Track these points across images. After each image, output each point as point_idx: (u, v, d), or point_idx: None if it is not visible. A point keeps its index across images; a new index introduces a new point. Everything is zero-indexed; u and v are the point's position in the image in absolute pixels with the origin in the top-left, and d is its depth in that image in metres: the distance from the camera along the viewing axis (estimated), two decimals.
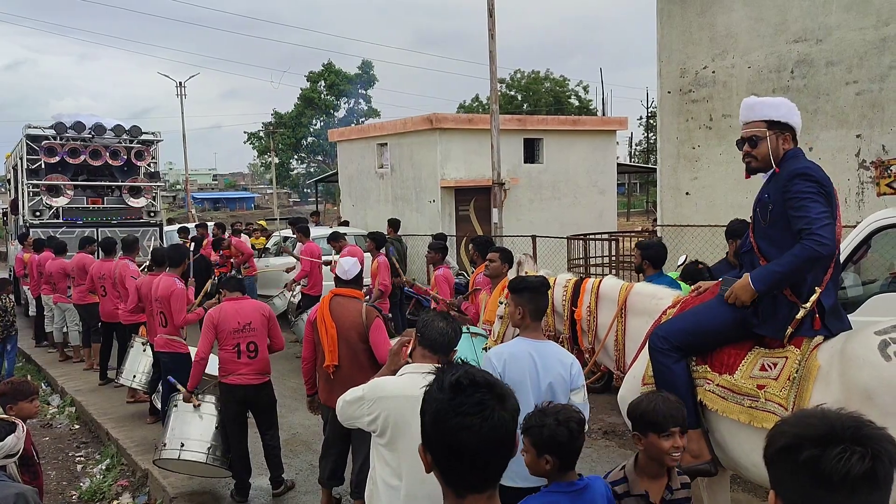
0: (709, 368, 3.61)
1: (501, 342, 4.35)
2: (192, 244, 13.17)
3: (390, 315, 8.60)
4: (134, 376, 8.10)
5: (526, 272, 4.56)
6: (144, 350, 8.05)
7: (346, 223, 18.69)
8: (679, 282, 5.63)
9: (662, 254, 5.95)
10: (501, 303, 4.58)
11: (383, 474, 3.08)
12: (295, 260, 11.65)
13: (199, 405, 5.77)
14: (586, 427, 2.87)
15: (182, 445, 5.64)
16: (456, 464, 1.64)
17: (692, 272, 5.71)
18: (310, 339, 5.28)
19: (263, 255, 14.99)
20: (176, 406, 5.89)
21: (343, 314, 5.08)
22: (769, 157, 3.52)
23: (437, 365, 3.19)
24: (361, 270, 5.42)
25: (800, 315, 3.34)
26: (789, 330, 3.38)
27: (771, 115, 3.52)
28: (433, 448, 1.67)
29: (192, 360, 6.76)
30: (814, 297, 3.34)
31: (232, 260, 13.01)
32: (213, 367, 6.10)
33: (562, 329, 4.46)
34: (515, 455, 1.71)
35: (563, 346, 4.22)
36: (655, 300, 4.14)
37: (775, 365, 3.40)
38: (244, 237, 14.35)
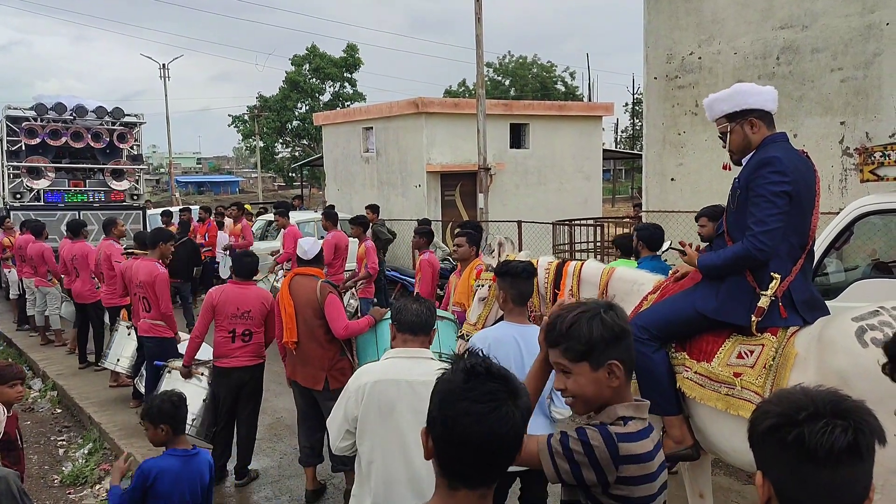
0: (687, 356, 3.62)
1: (483, 326, 4.35)
2: (179, 228, 13.04)
3: (341, 287, 8.52)
4: (118, 360, 8.06)
5: (507, 255, 4.55)
6: (129, 334, 8.01)
7: (331, 207, 18.60)
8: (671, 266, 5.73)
9: (658, 235, 6.08)
10: (481, 285, 4.56)
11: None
12: (279, 244, 11.60)
13: (201, 375, 5.86)
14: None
15: None
16: (454, 452, 1.58)
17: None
18: (279, 318, 5.37)
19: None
20: (170, 373, 5.97)
21: (300, 292, 5.22)
22: (744, 147, 3.53)
23: (420, 348, 3.20)
24: (322, 251, 5.53)
25: (762, 303, 3.35)
26: (754, 318, 3.39)
27: (724, 109, 3.54)
28: (435, 432, 1.61)
29: (176, 343, 6.80)
30: (773, 285, 3.34)
31: (232, 241, 12.89)
32: (205, 352, 6.11)
33: (546, 312, 4.46)
34: (518, 461, 1.66)
35: None
36: (637, 286, 4.14)
37: (752, 352, 3.41)
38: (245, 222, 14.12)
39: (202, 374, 5.89)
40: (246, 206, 22.21)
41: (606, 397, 2.02)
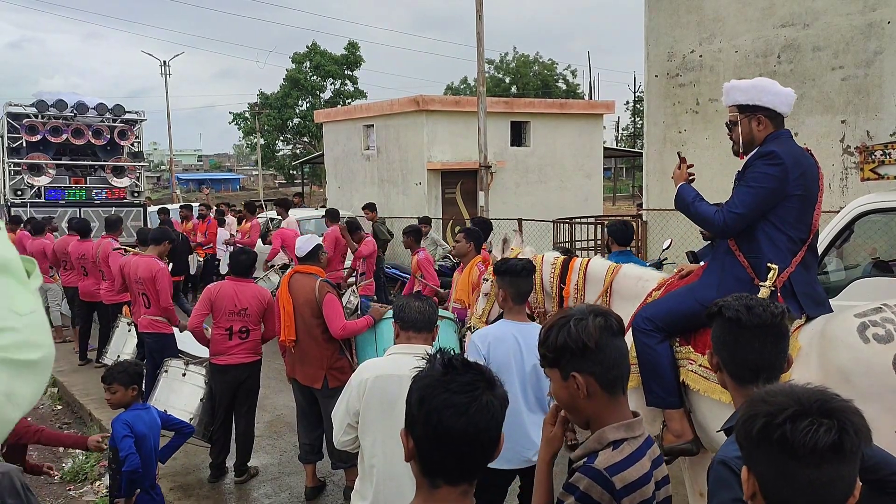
0: (692, 349, 3.64)
1: (486, 319, 4.37)
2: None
3: (340, 285, 8.51)
4: (118, 356, 8.06)
5: (511, 249, 4.57)
6: (129, 331, 8.01)
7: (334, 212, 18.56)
8: (641, 260, 6.34)
9: (626, 231, 6.67)
10: (486, 279, 4.58)
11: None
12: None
13: (185, 374, 5.88)
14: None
15: (165, 412, 5.70)
16: (436, 448, 1.58)
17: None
18: (280, 315, 5.36)
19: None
20: (166, 372, 5.95)
21: (299, 290, 5.19)
22: (748, 141, 3.56)
23: (423, 345, 3.21)
24: (318, 246, 5.46)
25: (761, 294, 3.36)
26: None
27: (739, 100, 3.54)
28: (416, 430, 1.60)
29: (175, 340, 6.81)
30: (772, 275, 3.36)
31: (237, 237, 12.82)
32: (202, 350, 6.12)
33: (551, 308, 4.47)
34: (499, 454, 1.64)
35: None
36: (641, 282, 4.15)
37: None
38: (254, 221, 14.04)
39: (200, 373, 5.88)
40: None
41: (586, 409, 1.96)
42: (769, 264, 3.38)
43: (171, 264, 9.96)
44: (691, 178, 3.81)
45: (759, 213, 3.41)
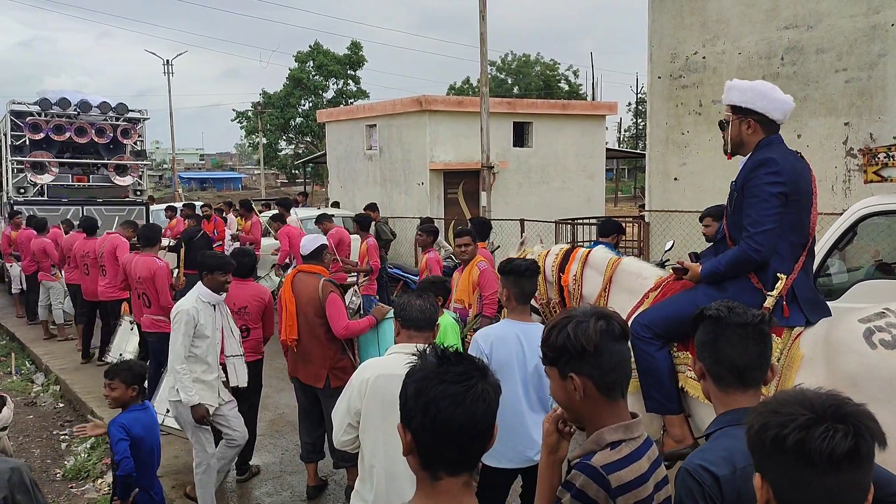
0: (690, 355, 3.63)
1: None
2: (193, 223, 12.90)
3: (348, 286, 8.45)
4: (121, 355, 8.07)
5: (524, 250, 4.61)
6: (132, 329, 8.02)
7: (336, 204, 18.61)
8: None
9: (608, 226, 7.09)
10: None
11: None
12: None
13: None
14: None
15: (167, 411, 5.71)
16: (434, 439, 1.59)
17: None
18: (280, 315, 5.38)
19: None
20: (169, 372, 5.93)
21: (302, 289, 5.19)
22: (737, 143, 3.54)
23: (423, 344, 3.22)
24: (323, 246, 5.44)
25: (767, 304, 3.35)
26: None
27: (734, 100, 3.51)
28: (412, 422, 1.62)
29: None
30: (779, 285, 3.34)
31: (241, 235, 12.78)
32: None
33: (553, 296, 4.48)
34: (493, 444, 1.66)
35: (554, 314, 4.26)
36: (640, 279, 4.15)
37: None
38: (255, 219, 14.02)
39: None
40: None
41: (581, 410, 1.96)
42: (778, 274, 3.37)
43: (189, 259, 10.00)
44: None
45: (779, 222, 3.32)
